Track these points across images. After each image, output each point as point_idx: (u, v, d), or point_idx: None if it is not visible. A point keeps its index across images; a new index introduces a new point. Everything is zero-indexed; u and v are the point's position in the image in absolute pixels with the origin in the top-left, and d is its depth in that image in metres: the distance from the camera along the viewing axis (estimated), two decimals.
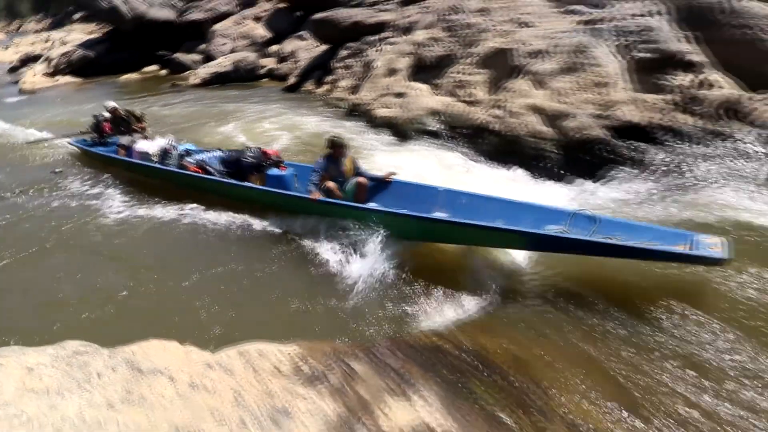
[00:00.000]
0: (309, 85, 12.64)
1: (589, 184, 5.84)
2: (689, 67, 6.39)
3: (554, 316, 3.26)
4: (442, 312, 3.35)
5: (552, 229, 4.06)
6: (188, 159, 6.04)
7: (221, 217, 5.25)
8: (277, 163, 5.64)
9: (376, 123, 8.64)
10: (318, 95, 11.69)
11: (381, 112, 8.80)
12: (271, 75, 15.03)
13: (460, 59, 8.62)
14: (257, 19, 18.59)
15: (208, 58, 16.70)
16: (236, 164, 5.68)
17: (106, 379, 1.82)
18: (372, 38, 11.65)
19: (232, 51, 16.56)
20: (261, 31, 17.62)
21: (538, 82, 7.06)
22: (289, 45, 15.83)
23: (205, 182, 5.72)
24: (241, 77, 14.84)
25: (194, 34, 18.73)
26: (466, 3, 9.68)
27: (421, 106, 8.20)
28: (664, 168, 5.72)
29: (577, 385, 2.62)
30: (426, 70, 9.15)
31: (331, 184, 4.95)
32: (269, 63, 15.63)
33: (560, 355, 2.87)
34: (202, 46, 17.70)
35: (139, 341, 2.13)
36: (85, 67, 19.12)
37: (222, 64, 15.32)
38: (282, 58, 15.45)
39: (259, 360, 2.15)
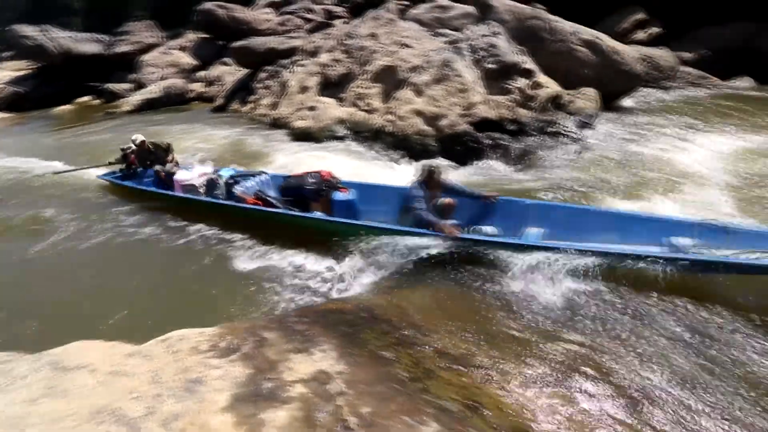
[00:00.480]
0: (235, 105, 12.05)
1: (463, 167, 6.24)
2: (525, 73, 6.98)
3: (433, 275, 3.43)
4: (346, 286, 3.44)
5: (682, 244, 3.15)
6: (238, 188, 4.75)
7: (165, 226, 4.75)
8: (336, 186, 4.56)
9: (295, 133, 8.49)
10: (244, 113, 11.20)
11: (298, 123, 8.66)
12: (201, 98, 14.11)
13: (358, 76, 8.67)
14: (183, 48, 17.29)
15: (140, 86, 15.29)
16: (296, 191, 4.56)
17: (29, 380, 1.69)
18: (285, 62, 11.33)
19: (162, 78, 15.29)
20: (187, 60, 16.42)
21: (418, 91, 7.33)
22: (214, 70, 14.93)
23: (271, 215, 4.42)
24: (172, 102, 13.77)
25: (124, 64, 17.01)
26: (359, 30, 9.72)
27: (330, 116, 8.18)
28: (514, 149, 6.25)
29: (446, 323, 2.84)
30: (332, 86, 9.11)
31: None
32: (198, 87, 14.65)
33: (435, 304, 3.09)
34: (133, 76, 16.14)
35: (65, 345, 2.00)
36: (18, 102, 16.67)
37: (152, 91, 14.10)
38: (209, 83, 14.55)
39: (180, 343, 2.10)
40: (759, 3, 9.07)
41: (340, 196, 4.42)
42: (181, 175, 5.30)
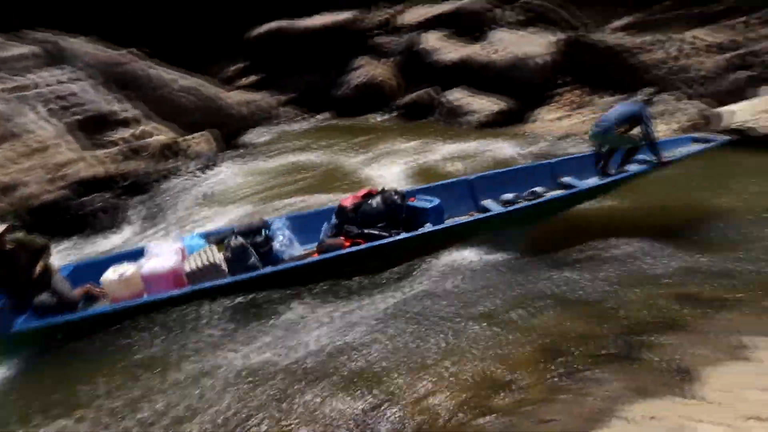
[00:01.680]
0: None
1: (70, 240, 5.01)
2: (127, 122, 6.38)
3: None
4: None
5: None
6: (279, 245, 3.69)
7: None
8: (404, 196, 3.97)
9: None
10: None
11: None
12: None
13: None
14: None
15: None
16: (384, 214, 3.79)
17: None
18: None
19: None
20: None
21: None
22: None
23: (389, 248, 3.55)
24: None
25: None
26: None
27: None
28: (135, 205, 5.61)
29: None
30: None
31: None
32: None
33: None
34: None
35: None
36: None
37: None
38: None
39: None
40: (318, 60, 12.48)
41: (421, 203, 3.99)
42: (159, 264, 3.35)
